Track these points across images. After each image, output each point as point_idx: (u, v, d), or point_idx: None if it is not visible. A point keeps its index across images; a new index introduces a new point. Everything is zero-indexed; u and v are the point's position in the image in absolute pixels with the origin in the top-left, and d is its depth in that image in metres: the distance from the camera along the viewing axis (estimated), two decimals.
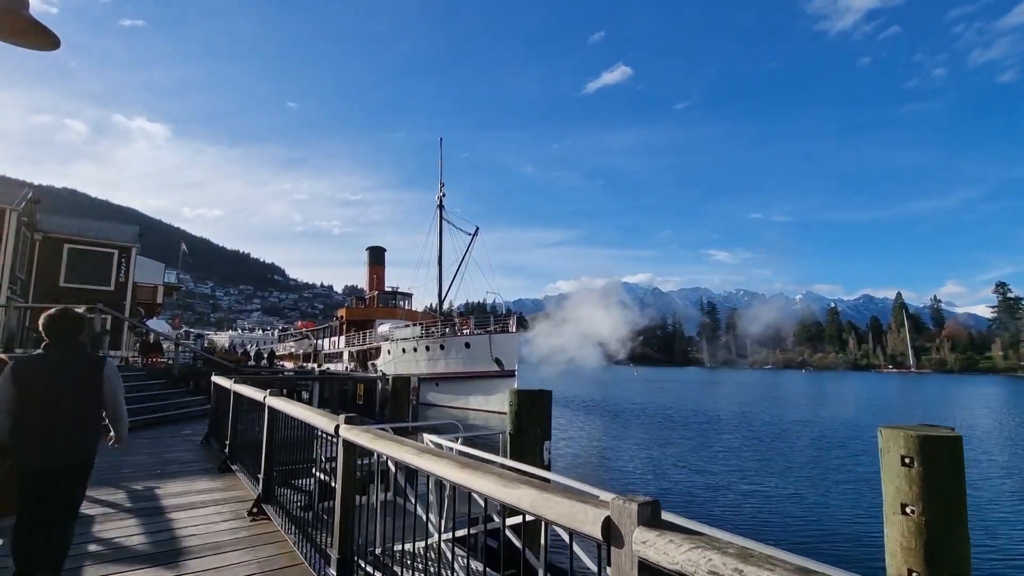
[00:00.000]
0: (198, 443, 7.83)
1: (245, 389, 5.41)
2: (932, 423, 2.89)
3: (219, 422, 7.29)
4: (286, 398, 4.32)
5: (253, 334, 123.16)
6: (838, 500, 11.44)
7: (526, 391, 6.11)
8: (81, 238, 24.20)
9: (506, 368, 25.36)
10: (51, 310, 3.23)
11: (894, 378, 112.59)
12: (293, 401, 4.16)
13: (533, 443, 5.97)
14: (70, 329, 3.19)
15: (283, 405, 4.00)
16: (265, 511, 4.31)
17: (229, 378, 7.13)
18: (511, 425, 5.98)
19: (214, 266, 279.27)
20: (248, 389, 5.31)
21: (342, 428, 2.74)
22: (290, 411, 3.75)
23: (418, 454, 2.06)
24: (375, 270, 43.48)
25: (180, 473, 6.00)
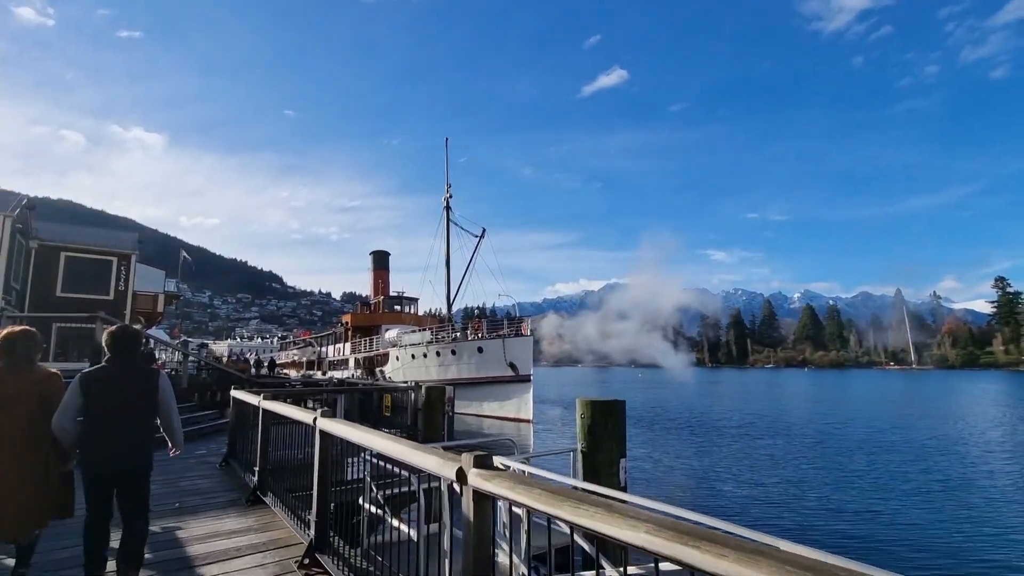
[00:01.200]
0: (216, 466, 6.96)
1: (284, 408, 4.56)
2: None
3: (242, 442, 6.46)
4: (348, 422, 3.48)
5: (252, 342, 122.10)
6: None
7: (599, 402, 5.26)
8: (79, 246, 23.32)
9: (521, 373, 24.51)
10: (112, 327, 3.52)
11: (900, 375, 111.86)
12: (362, 427, 3.31)
13: (609, 461, 5.15)
14: (130, 345, 3.49)
15: (350, 432, 3.13)
16: (321, 563, 3.46)
17: (250, 391, 6.30)
18: (583, 441, 5.17)
19: (212, 275, 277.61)
20: (288, 408, 4.45)
21: (473, 475, 1.90)
22: (368, 443, 2.84)
23: (560, 501, 1.47)
24: (379, 274, 42.59)
25: (202, 508, 5.12)
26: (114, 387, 3.33)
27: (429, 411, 8.35)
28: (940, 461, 15.92)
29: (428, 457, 2.20)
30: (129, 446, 3.32)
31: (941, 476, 13.94)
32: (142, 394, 3.45)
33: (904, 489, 12.50)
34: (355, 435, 3.00)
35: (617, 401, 5.31)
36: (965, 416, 28.87)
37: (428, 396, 8.35)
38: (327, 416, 3.55)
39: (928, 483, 13.14)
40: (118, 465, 3.27)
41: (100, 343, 9.58)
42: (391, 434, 2.77)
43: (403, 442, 2.49)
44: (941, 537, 9.04)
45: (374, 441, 2.71)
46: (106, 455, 3.24)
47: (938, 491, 12.29)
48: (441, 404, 8.41)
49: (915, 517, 10.24)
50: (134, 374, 3.47)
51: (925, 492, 12.21)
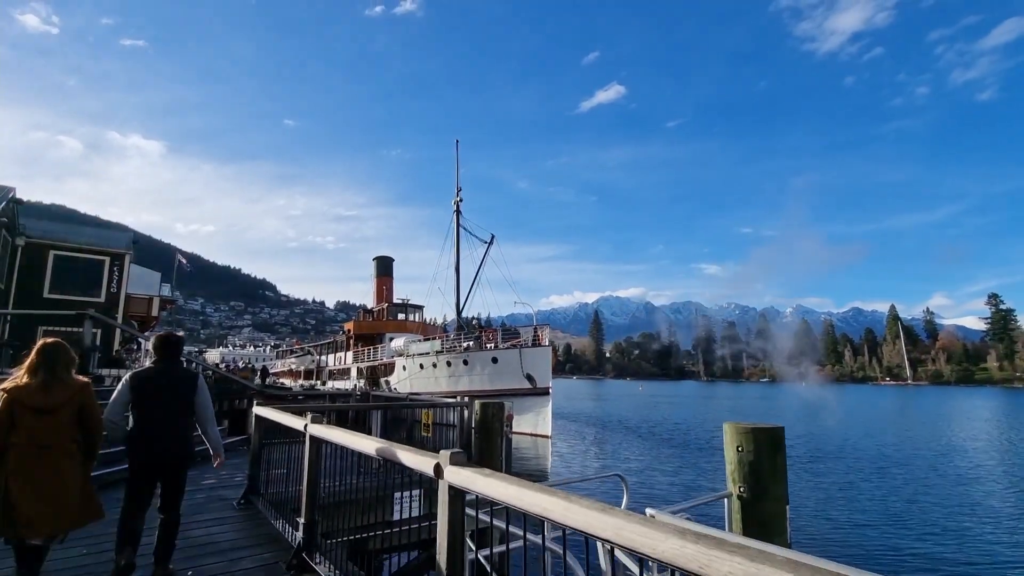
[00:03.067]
0: (234, 505, 5.52)
1: (357, 441, 3.15)
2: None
3: (268, 476, 5.07)
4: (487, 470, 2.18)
5: (244, 351, 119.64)
6: None
7: (762, 429, 3.90)
8: (69, 244, 21.79)
9: (539, 385, 23.09)
10: (160, 333, 4.04)
11: (898, 391, 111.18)
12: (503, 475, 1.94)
13: (777, 511, 3.83)
14: (173, 348, 3.96)
15: (506, 490, 1.79)
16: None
17: (285, 410, 4.92)
18: (740, 482, 3.84)
19: (204, 282, 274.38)
20: (361, 441, 3.03)
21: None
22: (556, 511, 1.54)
23: None
24: (383, 281, 41.07)
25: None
26: (159, 386, 3.70)
27: (485, 432, 6.97)
28: None
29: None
30: (173, 440, 3.67)
31: None
32: (183, 393, 3.78)
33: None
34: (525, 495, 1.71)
35: (777, 428, 3.99)
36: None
37: (484, 414, 6.98)
38: (460, 464, 2.27)
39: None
40: (163, 457, 3.63)
41: (89, 345, 8.01)
42: None
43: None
44: None
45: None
46: (152, 448, 3.59)
47: None
48: (499, 424, 7.03)
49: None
50: (177, 375, 3.84)
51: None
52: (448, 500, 2.18)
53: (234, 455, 8.41)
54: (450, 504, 2.19)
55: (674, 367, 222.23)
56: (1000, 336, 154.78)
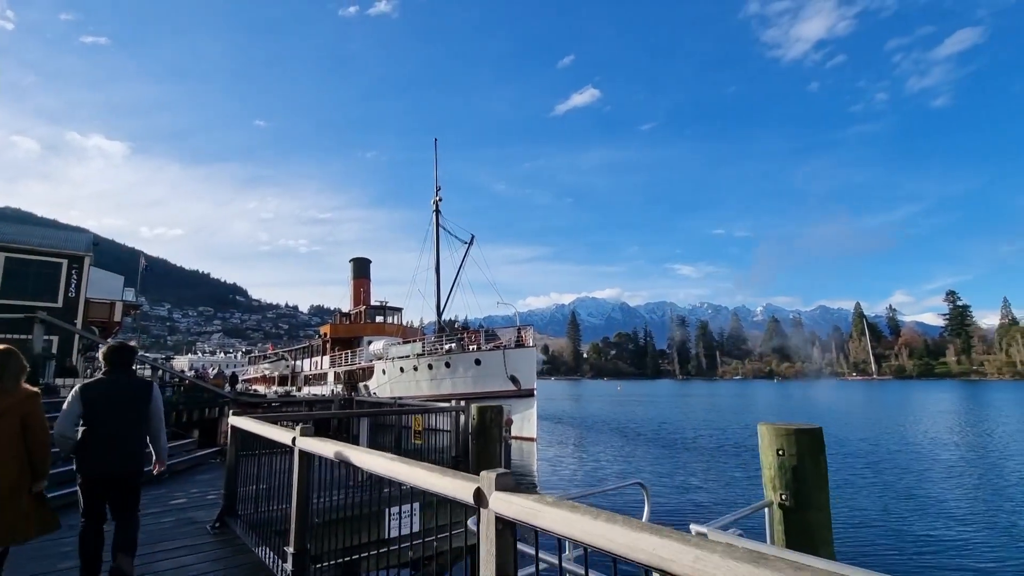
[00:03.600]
0: (208, 528, 4.91)
1: (360, 456, 2.64)
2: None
3: (247, 495, 4.50)
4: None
5: (214, 357, 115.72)
6: None
7: (804, 430, 3.55)
8: (21, 246, 20.40)
9: (524, 387, 22.65)
10: (110, 342, 4.00)
11: (864, 385, 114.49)
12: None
13: (823, 522, 3.48)
14: (126, 358, 3.91)
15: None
16: None
17: (266, 421, 4.38)
18: (781, 489, 3.48)
19: (171, 287, 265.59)
20: (372, 457, 2.53)
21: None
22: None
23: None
24: (360, 283, 40.01)
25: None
26: (111, 397, 3.60)
27: (483, 437, 6.50)
28: None
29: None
30: (124, 453, 3.58)
31: None
32: (136, 404, 3.70)
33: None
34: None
35: (817, 429, 3.65)
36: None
37: (481, 418, 6.51)
38: (507, 490, 1.76)
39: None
40: (114, 470, 3.54)
41: (41, 352, 7.30)
42: None
43: None
44: None
45: None
46: (103, 461, 3.50)
47: None
48: (498, 428, 6.57)
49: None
50: (131, 385, 3.79)
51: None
52: (495, 536, 1.62)
53: (206, 469, 7.73)
54: (498, 540, 1.62)
55: (650, 366, 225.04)
56: (958, 332, 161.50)
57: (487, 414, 6.54)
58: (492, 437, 6.53)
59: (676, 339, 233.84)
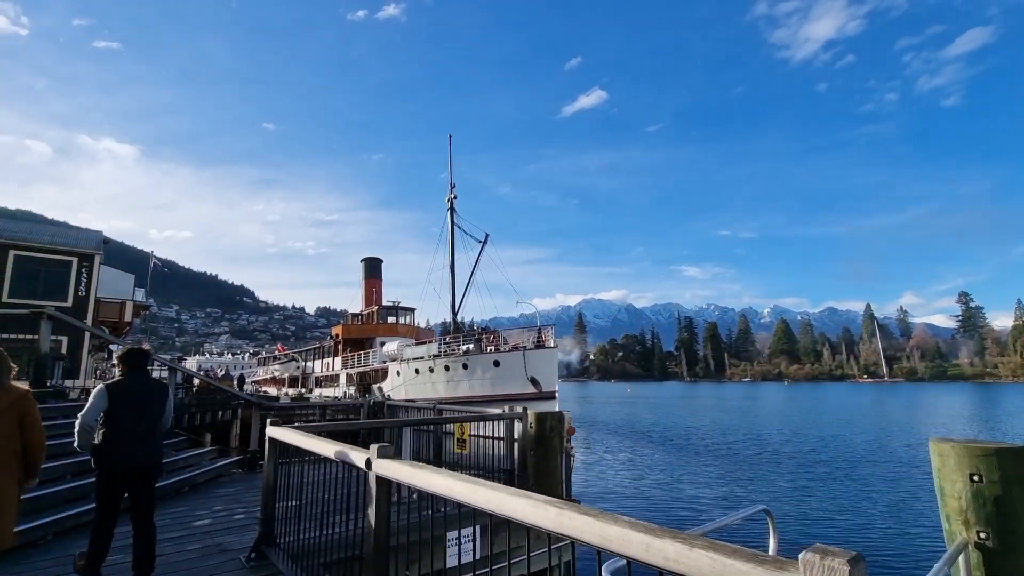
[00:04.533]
0: (243, 560, 4.19)
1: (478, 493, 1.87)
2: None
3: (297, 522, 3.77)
4: None
5: (222, 358, 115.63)
6: None
7: (1008, 448, 2.78)
8: (31, 244, 19.91)
9: (544, 389, 21.90)
10: (129, 345, 4.64)
11: (876, 388, 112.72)
12: None
13: None
14: (142, 360, 4.19)
15: None
16: None
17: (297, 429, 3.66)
18: (979, 526, 2.72)
19: (179, 288, 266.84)
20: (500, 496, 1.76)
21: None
22: None
23: None
24: (372, 283, 39.36)
25: None
26: (134, 395, 3.92)
27: (542, 449, 5.76)
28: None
29: None
30: (147, 448, 3.89)
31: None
32: (158, 402, 4.05)
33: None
34: None
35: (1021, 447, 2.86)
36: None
37: (540, 426, 5.77)
38: None
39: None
40: (138, 464, 3.82)
41: (48, 351, 6.59)
42: None
43: None
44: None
45: None
46: (130, 453, 3.78)
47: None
48: (559, 438, 5.82)
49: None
50: (151, 386, 4.14)
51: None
52: None
53: (228, 482, 7.02)
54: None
55: (657, 368, 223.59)
56: (971, 333, 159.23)
57: (547, 422, 5.79)
58: (553, 448, 5.78)
59: (684, 340, 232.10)
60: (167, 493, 5.96)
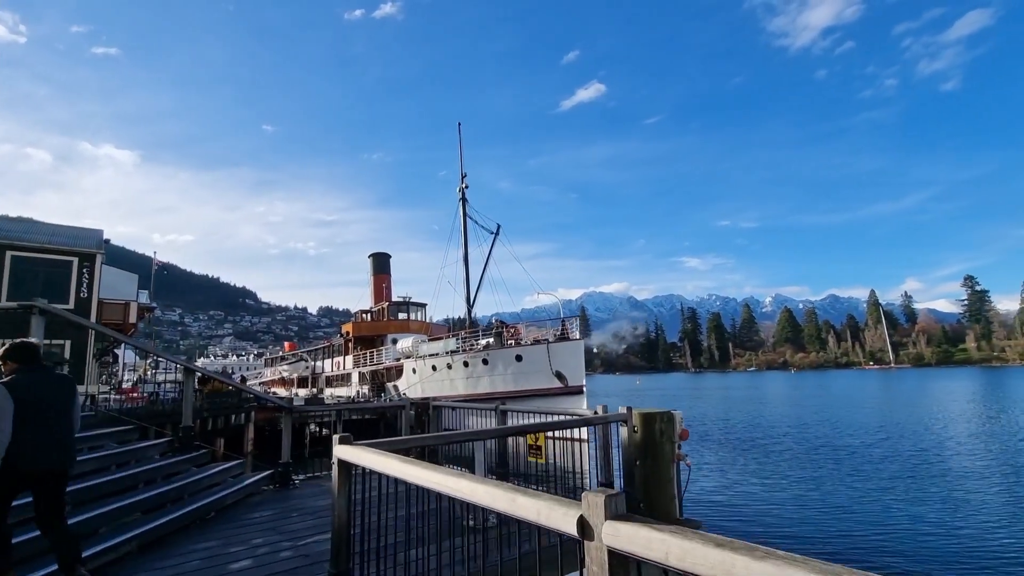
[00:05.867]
0: None
1: None
2: None
3: (363, 549, 2.74)
4: None
5: (226, 360, 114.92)
6: None
7: None
8: (30, 243, 18.90)
9: (571, 384, 20.89)
10: (15, 340, 3.78)
11: (884, 374, 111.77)
12: None
13: None
14: (35, 353, 3.79)
15: None
16: None
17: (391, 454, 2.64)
18: None
19: (182, 292, 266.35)
20: None
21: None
22: None
23: None
24: (381, 279, 38.31)
25: None
26: (40, 393, 3.58)
27: (650, 458, 4.72)
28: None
29: None
30: (62, 447, 3.59)
31: None
32: (66, 398, 3.75)
33: None
34: None
35: None
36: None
37: (647, 430, 4.72)
38: None
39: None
40: (54, 465, 3.54)
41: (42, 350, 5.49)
42: None
43: None
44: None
45: None
46: (42, 456, 3.47)
47: None
48: (671, 444, 4.78)
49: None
50: (56, 381, 3.80)
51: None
52: None
53: (262, 502, 5.99)
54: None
55: (662, 360, 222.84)
56: (977, 317, 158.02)
57: (657, 424, 4.74)
58: (664, 457, 4.74)
59: (688, 331, 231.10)
60: (191, 521, 4.94)
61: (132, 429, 6.07)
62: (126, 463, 5.28)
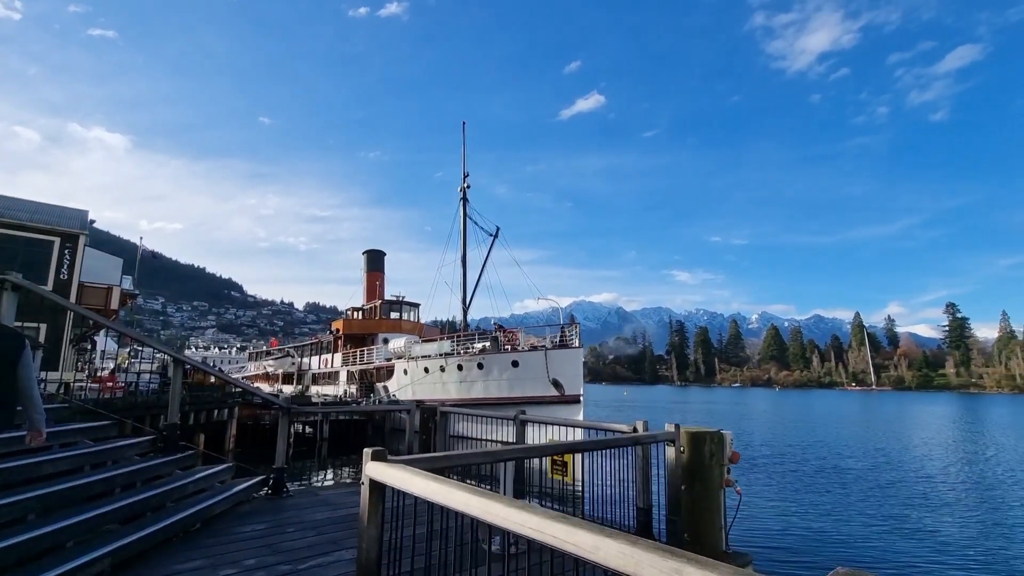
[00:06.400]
0: None
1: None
2: None
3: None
4: None
5: (208, 352, 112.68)
6: None
7: None
8: (8, 220, 18.00)
9: (568, 392, 20.36)
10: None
11: (865, 396, 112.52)
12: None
13: None
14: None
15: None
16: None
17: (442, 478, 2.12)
18: None
19: (166, 280, 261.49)
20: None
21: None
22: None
23: None
24: (374, 277, 37.50)
25: None
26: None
27: (699, 482, 4.21)
28: None
29: None
30: None
31: None
32: (7, 353, 3.38)
33: None
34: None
35: None
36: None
37: (696, 450, 4.21)
38: None
39: None
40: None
41: (9, 328, 4.83)
42: None
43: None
44: None
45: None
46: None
47: None
48: (720, 467, 4.27)
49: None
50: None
51: None
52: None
53: (252, 516, 5.36)
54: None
55: (648, 372, 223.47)
56: (957, 344, 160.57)
57: (707, 446, 4.24)
58: (713, 483, 4.23)
59: (675, 344, 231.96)
60: (174, 533, 4.31)
61: (110, 425, 5.42)
62: (102, 464, 4.64)
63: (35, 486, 3.76)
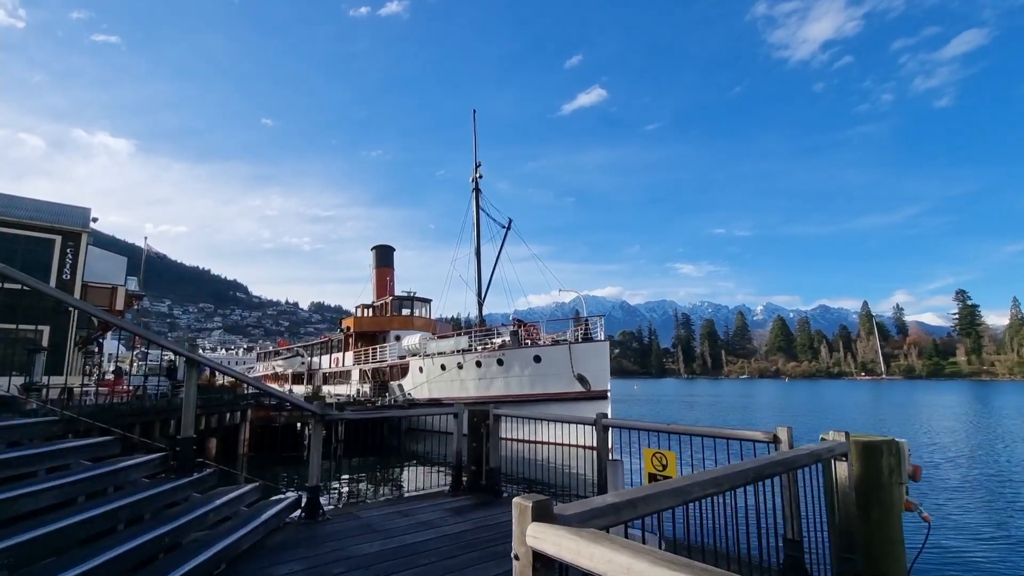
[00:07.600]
0: None
1: None
2: None
3: None
4: None
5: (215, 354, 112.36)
6: None
7: None
8: (7, 218, 17.13)
9: (593, 388, 19.40)
10: None
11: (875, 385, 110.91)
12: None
13: None
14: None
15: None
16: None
17: None
18: None
19: (172, 283, 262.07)
20: None
21: None
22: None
23: None
24: (384, 272, 36.55)
25: None
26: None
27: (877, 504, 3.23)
28: None
29: None
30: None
31: None
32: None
33: None
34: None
35: None
36: None
37: (868, 462, 3.24)
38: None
39: None
40: None
41: None
42: None
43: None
44: None
45: None
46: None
47: None
48: (898, 484, 3.29)
49: None
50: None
51: None
52: None
53: (288, 550, 4.41)
54: None
55: (655, 365, 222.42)
56: (967, 331, 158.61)
57: (883, 457, 3.24)
58: (893, 505, 3.24)
59: (681, 337, 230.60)
60: None
61: (112, 441, 4.45)
62: (100, 492, 3.68)
63: (7, 533, 2.79)
